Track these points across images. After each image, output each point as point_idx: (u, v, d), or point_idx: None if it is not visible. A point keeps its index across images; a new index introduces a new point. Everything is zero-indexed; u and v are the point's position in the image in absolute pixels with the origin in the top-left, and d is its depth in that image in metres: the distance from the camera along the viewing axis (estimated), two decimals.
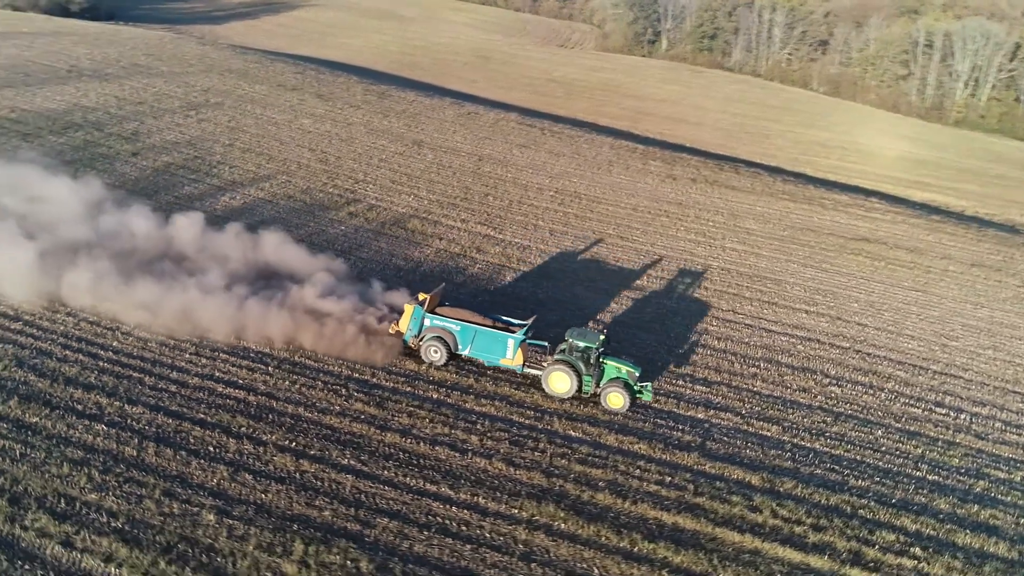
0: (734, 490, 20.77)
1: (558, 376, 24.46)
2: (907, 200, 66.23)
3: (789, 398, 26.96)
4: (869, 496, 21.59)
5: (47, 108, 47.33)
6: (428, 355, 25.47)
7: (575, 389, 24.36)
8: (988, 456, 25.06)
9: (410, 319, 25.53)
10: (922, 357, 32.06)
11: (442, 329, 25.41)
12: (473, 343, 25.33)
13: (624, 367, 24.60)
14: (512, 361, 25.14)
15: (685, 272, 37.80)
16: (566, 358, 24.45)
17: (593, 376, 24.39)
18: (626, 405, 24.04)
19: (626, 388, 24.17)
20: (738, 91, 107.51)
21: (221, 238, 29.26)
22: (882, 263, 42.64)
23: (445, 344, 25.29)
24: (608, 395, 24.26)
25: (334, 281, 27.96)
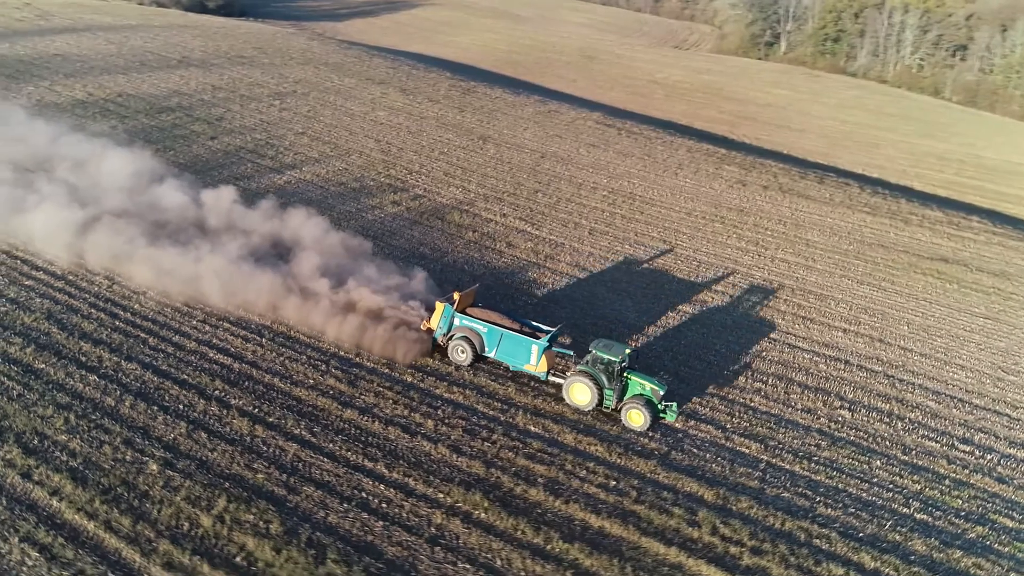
0: (680, 502, 19.93)
1: (579, 388, 23.79)
2: (1021, 221, 60.09)
3: (787, 417, 25.41)
4: (834, 526, 20.05)
5: (149, 93, 52.04)
6: (455, 355, 25.50)
7: (596, 403, 23.58)
8: (1003, 501, 22.55)
9: (440, 317, 25.61)
10: (966, 389, 29.21)
11: (470, 330, 25.30)
12: (499, 346, 25.08)
13: (648, 384, 23.55)
14: (536, 367, 24.71)
15: (721, 280, 36.28)
16: (588, 369, 23.69)
17: (615, 391, 23.54)
18: (646, 424, 23.10)
19: (648, 406, 23.21)
20: (854, 97, 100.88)
21: (249, 213, 31.21)
22: (955, 286, 39.00)
23: (472, 345, 25.21)
24: (628, 412, 23.34)
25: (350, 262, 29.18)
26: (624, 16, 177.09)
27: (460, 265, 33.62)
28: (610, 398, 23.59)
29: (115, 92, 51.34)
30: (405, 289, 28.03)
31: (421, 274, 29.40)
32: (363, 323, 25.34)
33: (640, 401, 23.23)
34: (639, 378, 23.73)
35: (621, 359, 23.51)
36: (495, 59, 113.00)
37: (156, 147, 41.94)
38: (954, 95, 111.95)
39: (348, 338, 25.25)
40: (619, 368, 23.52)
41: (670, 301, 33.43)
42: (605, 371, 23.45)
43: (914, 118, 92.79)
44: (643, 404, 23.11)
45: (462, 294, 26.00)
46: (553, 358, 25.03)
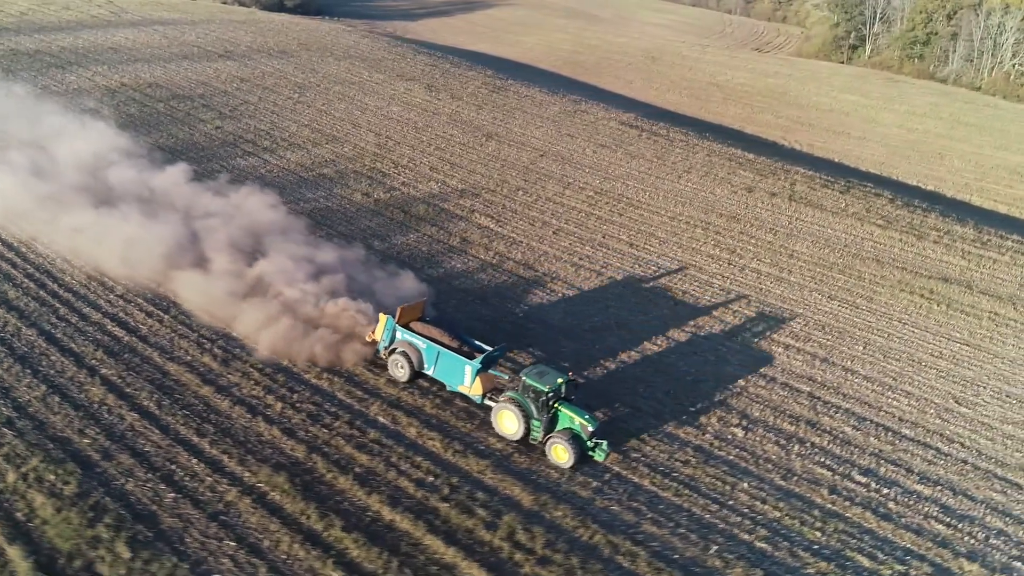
0: (490, 505, 19.40)
1: (506, 416, 22.19)
2: None
3: (667, 430, 24.14)
4: (650, 545, 18.95)
5: (176, 83, 55.20)
6: (393, 370, 24.57)
7: (523, 433, 21.99)
8: (872, 539, 20.55)
9: (384, 329, 24.66)
10: (900, 417, 26.80)
11: (410, 345, 24.15)
12: (437, 364, 23.80)
13: (578, 418, 21.59)
14: (470, 389, 23.26)
15: (674, 288, 34.79)
16: (518, 397, 21.98)
17: (543, 422, 21.73)
18: (570, 461, 21.29)
19: (574, 442, 21.36)
20: (929, 104, 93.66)
21: (193, 190, 32.55)
22: (942, 307, 35.74)
23: (410, 361, 24.06)
24: (553, 447, 21.56)
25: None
26: (709, 17, 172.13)
27: (402, 255, 33.90)
28: (537, 429, 21.79)
29: (146, 82, 54.84)
30: (326, 270, 28.44)
31: (355, 253, 29.95)
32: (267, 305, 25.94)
33: (566, 436, 21.39)
34: (570, 411, 21.79)
35: (550, 389, 21.56)
36: (556, 59, 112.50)
37: (154, 131, 44.68)
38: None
39: (225, 315, 25.90)
40: (548, 398, 21.66)
41: (608, 306, 32.44)
42: (534, 400, 21.68)
43: (994, 128, 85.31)
44: (569, 439, 21.27)
45: (406, 307, 24.84)
46: (490, 381, 23.38)
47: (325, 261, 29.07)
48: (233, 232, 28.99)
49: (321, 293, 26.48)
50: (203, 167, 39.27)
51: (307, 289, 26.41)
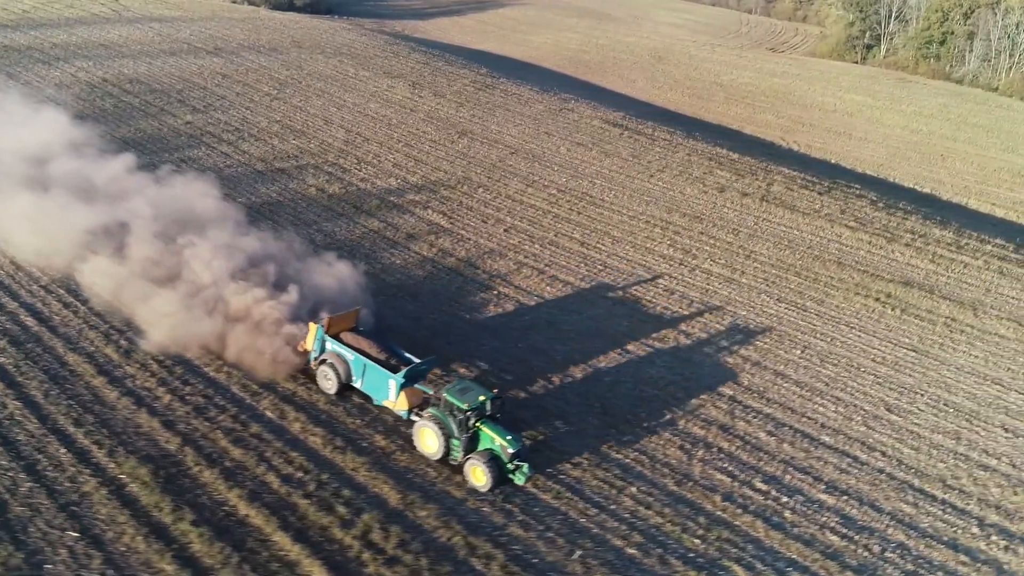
0: (353, 503, 19.07)
1: (427, 434, 21.06)
2: None
3: (566, 431, 23.56)
4: (513, 548, 18.43)
5: (156, 78, 55.66)
6: (321, 381, 23.66)
7: (443, 452, 20.93)
8: (756, 549, 19.73)
9: (314, 339, 23.73)
10: (822, 424, 25.88)
11: (338, 356, 23.22)
12: (364, 377, 22.87)
13: (499, 439, 20.38)
14: (395, 404, 22.22)
15: (617, 288, 34.07)
16: (439, 414, 20.85)
17: (463, 442, 20.61)
18: (488, 484, 20.19)
19: (493, 464, 20.21)
20: (939, 105, 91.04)
21: (128, 178, 32.64)
22: (897, 312, 34.53)
23: (337, 373, 23.15)
24: (471, 468, 20.46)
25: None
26: (726, 16, 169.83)
27: (342, 249, 33.64)
28: (457, 449, 20.73)
29: (127, 77, 55.47)
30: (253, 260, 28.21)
31: (287, 246, 29.73)
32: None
33: (485, 457, 20.26)
34: (491, 430, 20.55)
35: (470, 406, 20.40)
36: (561, 58, 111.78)
37: (121, 125, 45.18)
38: None
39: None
40: (468, 416, 20.47)
41: (542, 304, 31.91)
42: (454, 418, 20.55)
43: (1003, 130, 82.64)
44: (487, 461, 20.15)
45: (335, 316, 23.78)
46: (417, 396, 22.10)
47: (253, 252, 28.92)
48: (157, 221, 28.94)
49: (233, 282, 26.14)
50: (154, 158, 39.50)
51: (221, 279, 26.20)
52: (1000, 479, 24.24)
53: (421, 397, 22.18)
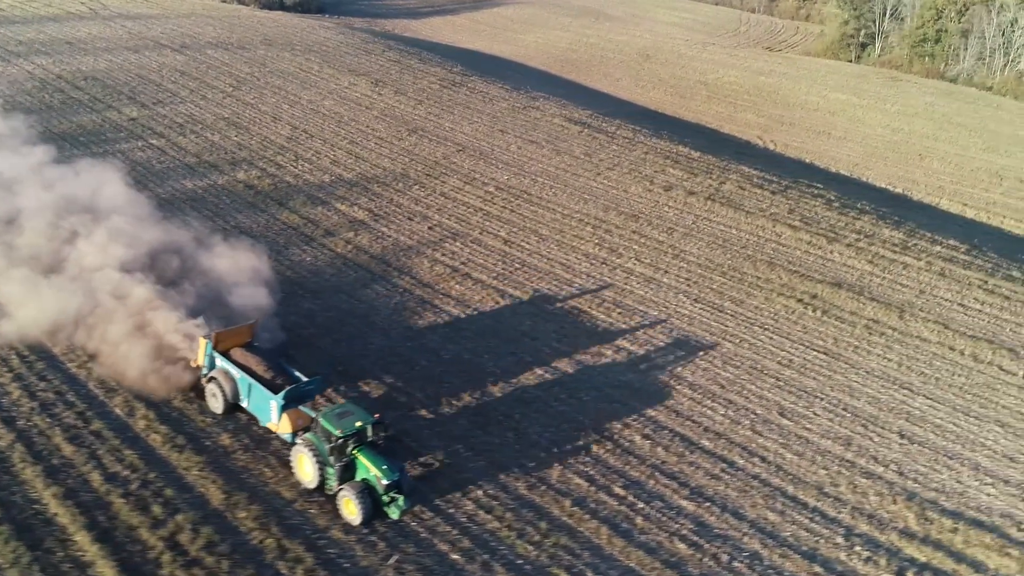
0: (172, 503, 18.66)
1: (303, 461, 19.69)
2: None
3: (428, 429, 22.99)
4: (332, 550, 17.91)
5: (110, 74, 55.74)
6: (209, 399, 22.52)
7: (319, 481, 19.57)
8: (595, 558, 19.01)
9: (203, 355, 22.48)
10: (707, 428, 25.02)
11: (225, 374, 22.01)
12: (250, 396, 21.63)
13: (374, 468, 18.89)
14: (278, 427, 20.95)
15: (527, 286, 33.31)
16: (315, 440, 19.51)
17: (337, 470, 19.20)
18: (359, 518, 18.72)
19: (366, 495, 18.79)
20: (925, 104, 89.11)
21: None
22: (817, 313, 33.55)
23: (224, 392, 21.92)
24: (341, 500, 19.06)
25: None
26: (726, 15, 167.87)
27: (254, 243, 33.24)
28: (331, 478, 19.30)
29: (83, 74, 55.58)
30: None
31: (193, 239, 29.19)
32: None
33: (358, 488, 18.84)
34: (367, 459, 19.08)
35: (343, 433, 19.01)
36: (549, 57, 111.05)
37: (61, 119, 45.38)
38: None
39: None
40: (343, 443, 19.09)
41: (446, 302, 31.32)
42: (330, 444, 19.15)
43: (986, 130, 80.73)
44: (360, 492, 18.73)
45: (224, 331, 22.54)
46: (301, 418, 20.63)
47: (153, 245, 28.50)
48: (50, 211, 28.64)
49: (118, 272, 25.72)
50: (83, 151, 39.51)
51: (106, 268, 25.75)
52: (882, 487, 23.32)
53: (307, 420, 20.49)
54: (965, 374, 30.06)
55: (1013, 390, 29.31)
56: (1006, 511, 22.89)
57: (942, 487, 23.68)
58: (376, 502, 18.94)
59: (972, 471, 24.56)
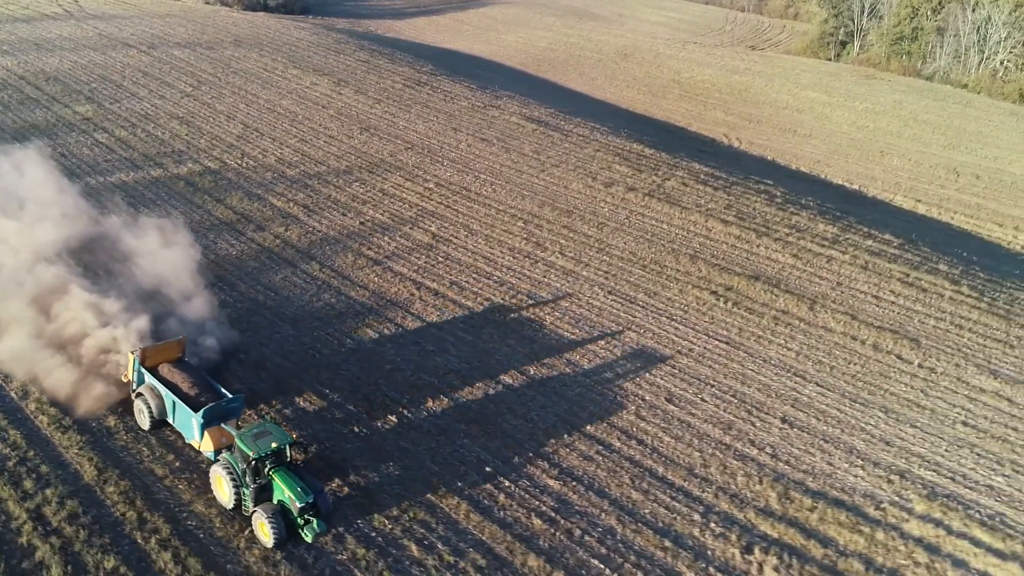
0: (44, 478, 19.75)
1: (217, 480, 19.70)
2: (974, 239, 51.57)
3: (301, 417, 24.00)
4: (193, 522, 18.97)
5: (68, 73, 57.06)
6: (137, 416, 22.46)
7: (235, 502, 19.49)
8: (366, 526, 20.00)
9: (132, 370, 22.58)
10: (592, 412, 25.96)
11: (152, 390, 22.01)
12: (175, 413, 21.60)
13: (288, 491, 18.70)
14: (200, 445, 20.95)
15: (446, 279, 34.32)
16: (232, 460, 19.33)
17: (252, 492, 19.02)
18: (273, 540, 18.60)
19: (278, 518, 18.66)
20: (894, 102, 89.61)
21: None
22: (728, 305, 34.40)
23: (150, 408, 21.88)
24: (256, 522, 18.87)
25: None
26: (712, 14, 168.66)
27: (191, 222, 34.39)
28: (247, 499, 19.15)
29: (44, 73, 56.79)
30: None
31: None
32: None
33: (270, 511, 18.68)
34: (283, 481, 18.89)
35: (257, 453, 18.81)
36: (527, 57, 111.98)
37: (6, 114, 46.62)
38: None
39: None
40: (258, 464, 18.95)
41: (360, 294, 32.32)
42: (247, 466, 18.99)
43: (950, 127, 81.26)
44: (273, 514, 18.61)
45: (152, 347, 22.63)
46: (225, 436, 20.44)
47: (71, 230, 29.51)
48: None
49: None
50: (19, 144, 40.50)
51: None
52: (752, 469, 24.20)
53: (230, 438, 20.11)
54: (861, 363, 30.92)
55: (906, 378, 30.18)
56: (869, 491, 23.78)
57: (811, 469, 24.60)
58: (291, 524, 18.86)
59: (845, 454, 25.45)
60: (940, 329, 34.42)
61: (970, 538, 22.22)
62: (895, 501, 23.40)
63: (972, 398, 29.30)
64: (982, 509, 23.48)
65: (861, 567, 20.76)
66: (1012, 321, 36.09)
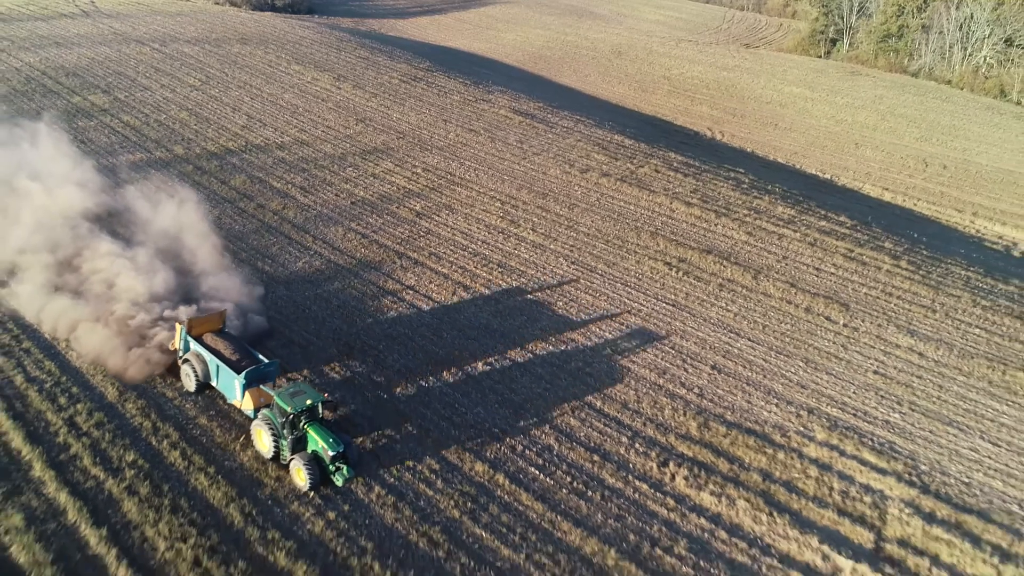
0: (75, 396, 23.85)
1: (258, 433, 22.52)
2: (948, 229, 55.02)
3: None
4: (197, 430, 23.03)
5: (87, 67, 61.40)
6: (184, 379, 25.15)
7: (274, 452, 22.25)
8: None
9: (180, 339, 25.34)
10: (543, 359, 29.83)
11: (197, 356, 24.75)
12: (218, 376, 24.35)
13: (321, 441, 21.58)
14: (241, 404, 23.61)
15: (425, 250, 38.23)
16: (271, 416, 22.18)
17: (289, 442, 21.90)
18: (307, 485, 21.34)
19: (313, 465, 21.45)
20: (874, 97, 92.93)
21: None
22: (679, 274, 38.22)
23: (195, 372, 24.64)
24: (293, 468, 21.70)
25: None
26: (711, 13, 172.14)
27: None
28: (285, 449, 21.96)
29: (61, 67, 61.13)
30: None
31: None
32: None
33: (307, 458, 21.51)
34: (317, 433, 21.76)
35: (294, 409, 21.60)
36: (523, 54, 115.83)
37: (16, 101, 50.94)
38: (1022, 97, 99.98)
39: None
40: (295, 418, 21.82)
41: (348, 263, 36.27)
42: (283, 420, 21.78)
43: (925, 120, 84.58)
44: (308, 462, 21.39)
45: (199, 318, 25.67)
46: (263, 396, 23.26)
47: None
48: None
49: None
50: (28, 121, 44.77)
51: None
52: (679, 405, 27.99)
53: (267, 398, 23.00)
54: (792, 323, 34.69)
55: (830, 335, 33.91)
56: (779, 423, 27.53)
57: (731, 406, 28.37)
58: (323, 471, 21.73)
59: (764, 395, 29.21)
60: (871, 296, 38.14)
61: (860, 459, 25.98)
62: (800, 431, 27.18)
63: (887, 352, 33.05)
64: (875, 438, 27.23)
65: (759, 479, 24.55)
66: (940, 291, 39.77)
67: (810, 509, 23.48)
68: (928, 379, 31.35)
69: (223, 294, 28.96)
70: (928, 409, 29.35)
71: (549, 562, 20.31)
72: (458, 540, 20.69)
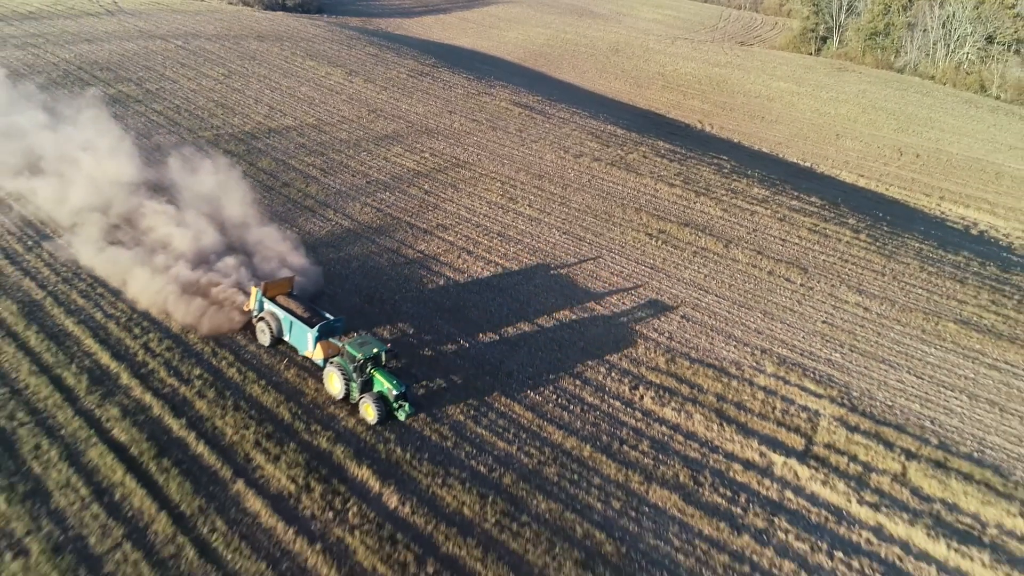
0: (145, 327, 28.72)
1: (330, 377, 26.33)
2: (913, 210, 59.74)
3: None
4: (276, 377, 27.95)
5: (117, 62, 66.43)
6: (259, 335, 28.98)
7: (344, 393, 26.04)
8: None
9: (255, 300, 29.17)
10: (532, 308, 34.63)
11: (272, 315, 28.57)
12: (291, 332, 28.05)
13: (387, 383, 25.38)
14: (312, 354, 27.27)
15: (432, 222, 43.14)
16: (342, 362, 25.95)
17: (358, 384, 25.71)
18: (376, 418, 25.15)
19: (381, 403, 25.22)
20: (857, 91, 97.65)
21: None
22: (658, 243, 43.06)
23: (271, 328, 28.40)
24: (364, 405, 25.47)
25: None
26: (708, 12, 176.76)
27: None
28: (355, 390, 25.75)
29: (92, 61, 66.18)
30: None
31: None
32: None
33: (375, 397, 25.29)
34: (382, 376, 25.57)
35: (363, 356, 25.45)
36: (525, 52, 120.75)
37: (60, 87, 55.76)
38: (1001, 92, 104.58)
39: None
40: (364, 364, 25.58)
41: (363, 228, 41.17)
42: (354, 365, 25.56)
43: (904, 114, 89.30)
44: (376, 400, 25.21)
45: (272, 282, 29.60)
46: (331, 347, 26.88)
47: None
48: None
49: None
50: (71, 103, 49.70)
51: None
52: (650, 344, 32.74)
53: (335, 349, 27.04)
54: (754, 282, 39.53)
55: (787, 293, 38.72)
56: (736, 360, 32.35)
57: (697, 347, 33.20)
58: (388, 408, 25.64)
59: (724, 339, 34.04)
60: (828, 262, 42.95)
61: (801, 387, 30.81)
62: (752, 366, 32.01)
63: (836, 307, 37.87)
64: (817, 372, 32.05)
65: (714, 400, 29.38)
66: (892, 259, 44.56)
67: (754, 421, 28.32)
68: (869, 327, 36.18)
69: (276, 257, 34.11)
70: (866, 351, 34.18)
71: (536, 452, 25.18)
72: (463, 435, 25.59)
